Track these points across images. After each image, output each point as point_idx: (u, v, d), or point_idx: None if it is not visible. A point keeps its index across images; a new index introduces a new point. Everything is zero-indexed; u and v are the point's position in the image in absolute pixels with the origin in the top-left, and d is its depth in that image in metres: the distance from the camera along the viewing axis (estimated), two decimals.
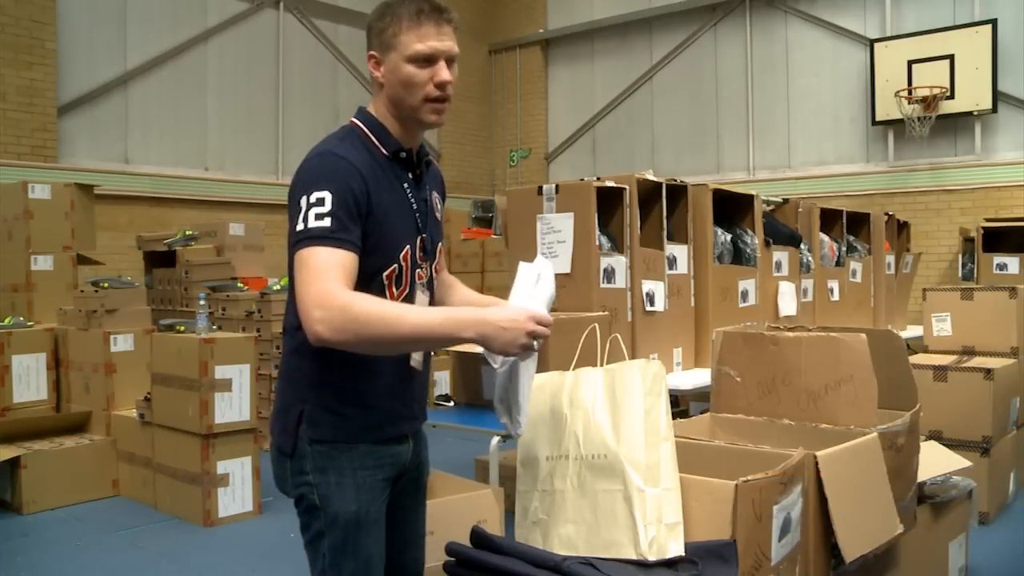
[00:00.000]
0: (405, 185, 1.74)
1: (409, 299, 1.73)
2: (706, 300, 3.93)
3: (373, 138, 1.72)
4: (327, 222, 1.56)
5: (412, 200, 1.74)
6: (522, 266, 1.72)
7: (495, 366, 1.68)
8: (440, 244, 1.87)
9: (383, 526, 1.77)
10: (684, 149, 10.66)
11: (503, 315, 1.54)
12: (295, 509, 1.77)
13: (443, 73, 1.68)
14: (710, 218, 3.96)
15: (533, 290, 1.66)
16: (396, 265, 1.69)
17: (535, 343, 1.56)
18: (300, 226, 1.57)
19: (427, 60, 1.67)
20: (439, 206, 1.88)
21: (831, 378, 2.37)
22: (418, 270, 1.76)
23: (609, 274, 3.44)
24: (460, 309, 1.61)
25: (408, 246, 1.72)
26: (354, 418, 1.70)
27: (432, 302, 1.84)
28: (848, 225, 5.36)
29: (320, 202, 1.57)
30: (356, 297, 1.52)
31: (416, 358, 1.78)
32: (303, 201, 1.58)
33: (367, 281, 1.64)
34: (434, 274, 1.85)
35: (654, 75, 10.91)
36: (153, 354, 4.80)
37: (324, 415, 1.70)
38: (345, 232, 1.57)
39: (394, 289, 1.70)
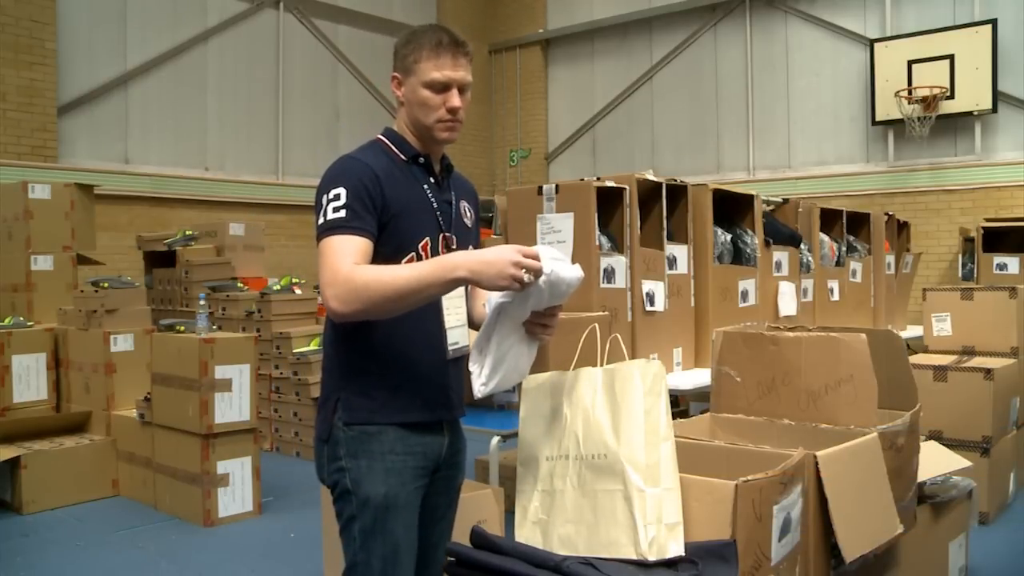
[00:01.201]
0: (425, 186, 1.89)
1: None
2: (706, 300, 3.92)
3: (393, 147, 1.90)
4: (342, 213, 1.74)
5: (433, 200, 1.89)
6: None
7: (486, 311, 1.74)
8: (470, 246, 1.96)
9: (414, 514, 1.84)
10: (684, 149, 10.66)
11: (488, 250, 1.64)
12: (331, 498, 1.87)
13: (454, 100, 1.86)
14: (710, 218, 3.96)
15: (556, 257, 1.69)
16: (414, 254, 1.82)
17: (525, 276, 1.61)
18: (320, 220, 1.75)
19: (442, 87, 1.84)
20: (469, 214, 2.02)
21: (831, 378, 2.37)
22: None
23: (609, 274, 3.43)
24: (448, 255, 1.69)
25: (428, 239, 1.85)
26: (385, 401, 1.81)
27: (467, 302, 1.95)
28: (848, 225, 5.36)
29: (336, 197, 1.75)
30: (357, 268, 1.67)
31: (451, 345, 1.86)
32: (323, 199, 1.77)
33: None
34: None
35: (654, 75, 10.92)
36: (153, 354, 4.80)
37: (357, 399, 1.82)
38: (359, 220, 1.74)
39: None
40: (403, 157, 1.88)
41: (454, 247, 1.89)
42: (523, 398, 1.97)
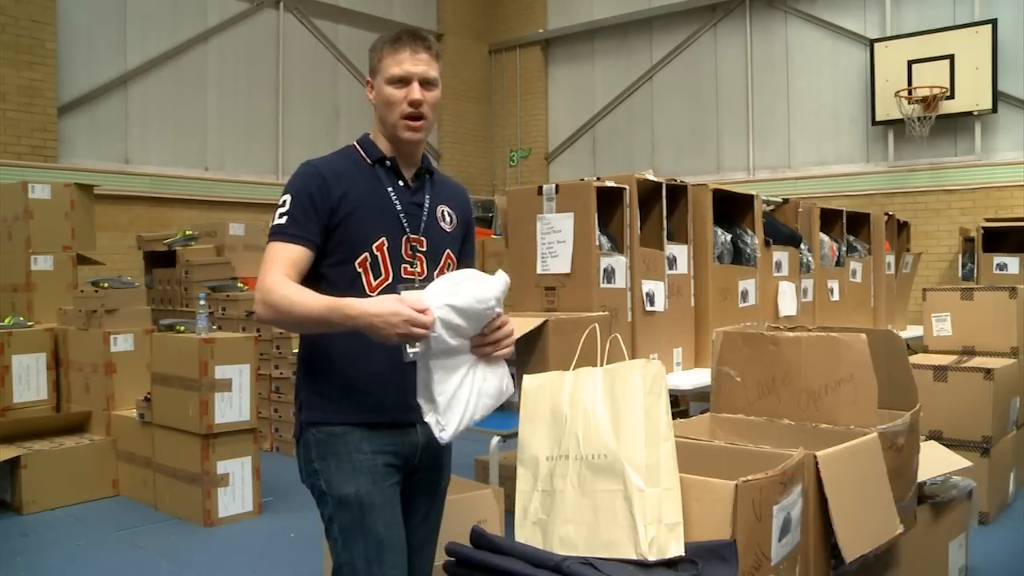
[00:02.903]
0: (390, 188, 1.90)
1: (390, 289, 1.82)
2: (706, 300, 3.92)
3: (361, 150, 1.94)
4: (283, 220, 1.82)
5: (396, 201, 1.90)
6: (470, 272, 1.76)
7: (408, 353, 1.71)
8: (447, 250, 1.97)
9: (395, 511, 1.84)
10: (684, 149, 10.66)
11: (377, 308, 1.65)
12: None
13: (414, 92, 1.86)
14: (710, 218, 3.96)
15: (454, 286, 1.68)
16: (368, 254, 1.84)
17: (416, 331, 1.62)
18: (272, 222, 1.85)
19: (401, 81, 1.87)
20: (450, 218, 2.00)
21: (831, 378, 2.37)
22: (404, 265, 1.88)
23: (609, 274, 3.43)
24: (344, 300, 1.70)
25: (384, 238, 1.86)
26: (341, 400, 1.84)
27: None
28: (848, 225, 5.36)
29: (283, 203, 1.83)
30: (279, 281, 1.74)
31: (408, 351, 1.80)
32: (280, 201, 1.85)
33: (342, 270, 1.83)
34: (436, 276, 1.88)
35: (654, 75, 10.92)
36: (153, 354, 4.80)
37: (315, 399, 1.87)
38: (296, 227, 1.80)
39: (371, 278, 1.85)
40: (368, 160, 1.92)
41: (423, 249, 1.90)
42: (523, 398, 1.97)
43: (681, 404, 4.91)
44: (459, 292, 1.67)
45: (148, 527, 4.40)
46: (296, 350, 5.88)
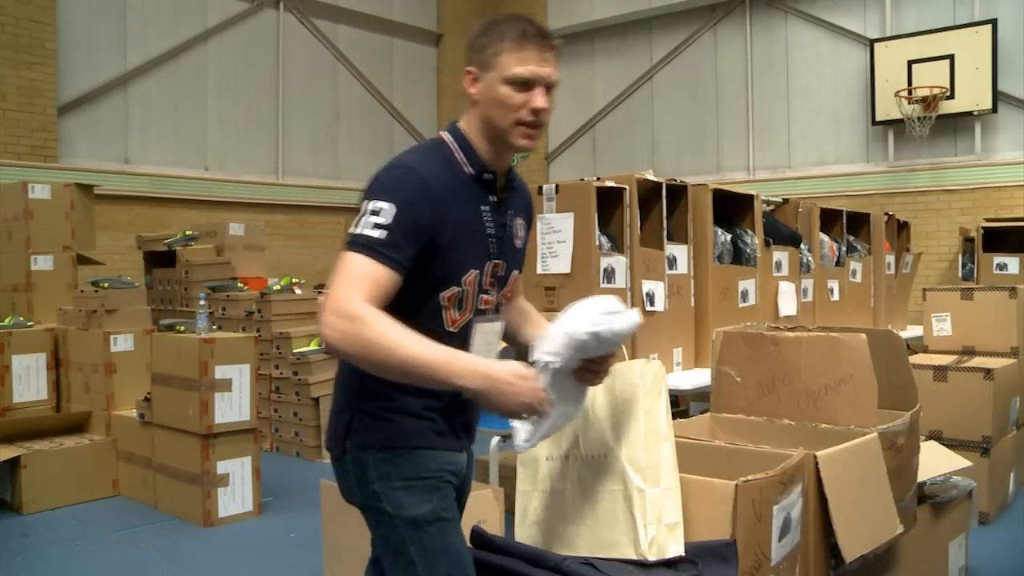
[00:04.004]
0: (484, 207, 1.69)
1: (468, 325, 1.69)
2: (706, 300, 3.93)
3: (458, 155, 1.68)
4: (379, 234, 1.53)
5: (489, 224, 1.70)
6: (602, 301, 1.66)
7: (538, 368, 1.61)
8: (516, 273, 1.82)
9: (460, 524, 1.74)
10: (684, 149, 10.65)
11: (506, 376, 1.49)
12: (365, 521, 1.73)
13: (538, 100, 1.65)
14: (710, 218, 3.96)
15: (599, 316, 1.61)
16: (458, 288, 1.65)
17: (534, 416, 1.53)
18: (354, 229, 1.55)
19: (525, 84, 1.64)
20: (521, 233, 1.82)
21: (831, 378, 2.37)
22: (484, 295, 1.71)
23: (609, 274, 3.44)
24: (465, 356, 1.54)
25: (475, 271, 1.67)
26: (403, 425, 1.67)
27: (505, 330, 1.82)
28: (848, 225, 5.36)
29: (379, 212, 1.54)
30: (374, 315, 1.47)
31: (521, 430, 1.71)
32: (367, 206, 1.56)
33: (424, 300, 1.63)
34: (503, 301, 1.80)
35: (654, 75, 10.91)
36: (153, 354, 4.80)
37: (373, 422, 1.67)
38: (393, 250, 1.53)
39: (454, 313, 1.67)
40: (468, 170, 1.67)
41: (501, 275, 1.73)
42: None
43: (681, 404, 4.91)
44: (602, 323, 1.60)
45: (148, 527, 4.40)
46: (297, 350, 5.92)
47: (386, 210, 1.54)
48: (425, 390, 1.62)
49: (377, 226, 1.53)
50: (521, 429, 1.64)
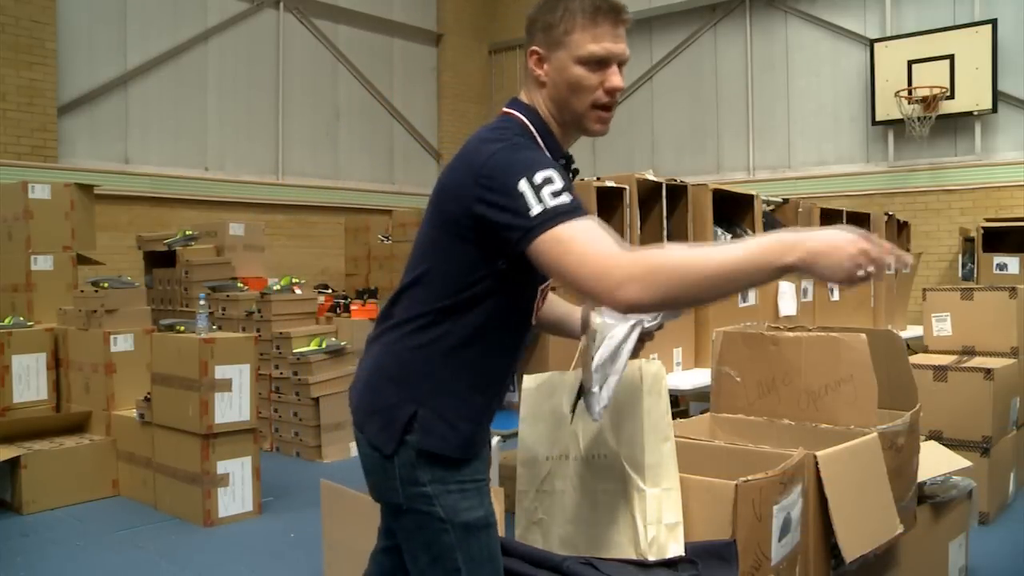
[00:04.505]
0: None
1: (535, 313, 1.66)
2: None
3: (541, 141, 1.57)
4: (566, 198, 1.39)
5: None
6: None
7: (605, 333, 1.59)
8: None
9: None
10: (684, 149, 10.66)
11: (828, 231, 1.35)
12: (398, 521, 1.62)
13: (615, 79, 1.54)
14: (710, 218, 3.97)
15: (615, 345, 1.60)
16: (541, 287, 1.63)
17: (865, 271, 1.33)
18: (537, 209, 1.38)
19: (600, 63, 1.53)
20: None
21: (831, 378, 2.38)
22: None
23: None
24: (766, 236, 1.36)
25: None
26: (465, 432, 1.58)
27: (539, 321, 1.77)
28: (848, 225, 5.36)
29: (550, 180, 1.40)
30: (646, 252, 1.34)
31: (597, 400, 1.66)
32: (524, 186, 1.39)
33: (523, 290, 1.57)
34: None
35: (654, 75, 10.91)
36: (153, 354, 4.79)
37: (438, 424, 1.55)
38: (584, 207, 1.42)
39: (541, 302, 1.66)
40: (547, 155, 1.54)
41: None
42: (523, 398, 1.97)
43: (681, 404, 4.91)
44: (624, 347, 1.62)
45: (148, 527, 4.40)
46: (297, 350, 5.91)
47: (553, 177, 1.41)
48: (492, 390, 1.59)
49: (556, 193, 1.39)
50: (595, 399, 1.60)
